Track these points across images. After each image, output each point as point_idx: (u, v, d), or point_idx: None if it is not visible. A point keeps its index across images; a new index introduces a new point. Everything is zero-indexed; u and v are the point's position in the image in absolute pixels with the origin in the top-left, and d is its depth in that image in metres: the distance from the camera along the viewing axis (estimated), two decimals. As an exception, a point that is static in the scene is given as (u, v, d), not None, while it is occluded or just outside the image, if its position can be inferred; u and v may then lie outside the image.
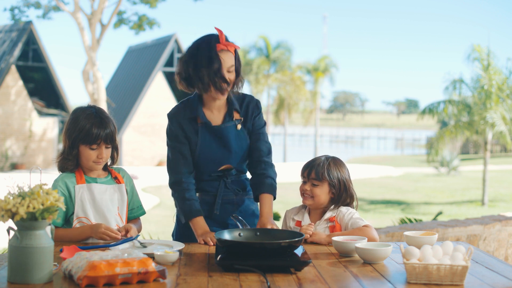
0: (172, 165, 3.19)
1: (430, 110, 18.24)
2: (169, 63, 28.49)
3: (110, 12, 23.47)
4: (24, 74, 25.04)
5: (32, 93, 25.35)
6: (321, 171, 3.08)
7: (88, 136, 2.99)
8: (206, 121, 3.15)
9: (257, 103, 3.28)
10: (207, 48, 3.04)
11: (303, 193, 3.14)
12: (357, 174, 25.60)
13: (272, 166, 3.24)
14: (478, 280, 2.37)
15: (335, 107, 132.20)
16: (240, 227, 2.90)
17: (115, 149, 3.13)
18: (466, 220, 5.74)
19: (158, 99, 28.10)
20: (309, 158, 3.33)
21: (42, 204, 2.22)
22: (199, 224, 3.08)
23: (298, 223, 3.14)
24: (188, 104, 3.20)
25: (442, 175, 26.05)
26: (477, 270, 2.52)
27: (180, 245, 2.82)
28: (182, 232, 3.24)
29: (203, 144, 3.14)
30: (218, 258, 2.50)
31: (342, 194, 3.12)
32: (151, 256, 2.61)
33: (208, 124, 3.15)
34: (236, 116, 3.21)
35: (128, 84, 29.76)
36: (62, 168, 3.07)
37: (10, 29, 25.44)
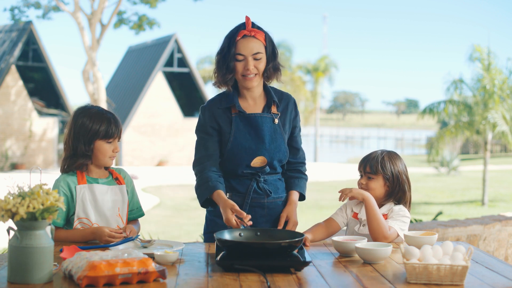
0: (196, 157, 3.20)
1: (431, 110, 18.23)
2: (169, 63, 28.48)
3: (110, 12, 23.48)
4: (24, 74, 25.03)
5: (32, 93, 25.34)
6: (375, 165, 3.12)
7: (107, 130, 3.01)
8: (241, 110, 3.13)
9: (295, 102, 3.28)
10: (229, 34, 3.08)
11: (360, 187, 3.17)
12: (357, 174, 25.55)
13: (304, 165, 3.33)
14: (478, 280, 2.37)
15: (335, 107, 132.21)
16: (241, 227, 2.89)
17: None
18: (466, 220, 5.74)
19: (158, 99, 28.09)
20: (309, 158, 3.36)
21: (42, 204, 2.22)
22: (220, 197, 3.00)
23: (355, 215, 3.16)
24: (224, 95, 3.19)
25: (442, 175, 26.04)
26: (477, 270, 2.52)
27: (180, 245, 2.82)
28: (211, 230, 3.20)
29: (236, 133, 3.11)
30: (218, 258, 2.50)
31: (396, 187, 3.13)
32: (151, 256, 2.61)
33: (243, 113, 3.13)
34: (274, 110, 3.18)
35: (128, 84, 29.75)
36: (76, 166, 3.05)
37: (10, 29, 25.44)
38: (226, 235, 2.69)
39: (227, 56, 3.06)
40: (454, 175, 25.94)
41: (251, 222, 2.86)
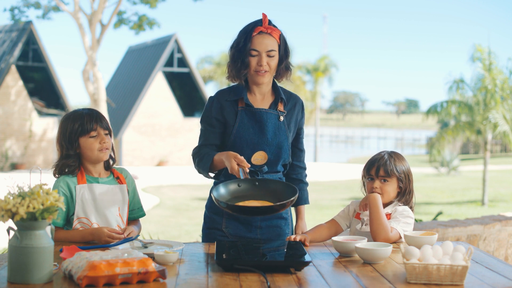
0: (197, 144, 3.27)
1: (435, 110, 18.23)
2: (169, 63, 28.47)
3: (110, 12, 23.47)
4: (24, 74, 25.02)
5: (32, 93, 25.33)
6: (389, 168, 3.10)
7: (84, 125, 3.02)
8: (248, 103, 3.16)
9: (302, 104, 3.35)
10: (245, 29, 3.11)
11: (371, 191, 3.14)
12: (357, 174, 25.56)
13: (305, 170, 3.41)
14: (478, 280, 2.37)
15: (335, 107, 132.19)
16: (242, 176, 2.93)
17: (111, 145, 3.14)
18: (466, 220, 5.74)
19: (158, 99, 28.08)
20: (309, 158, 3.38)
21: (42, 204, 2.22)
22: (221, 153, 3.06)
23: (357, 215, 3.16)
24: (233, 88, 3.23)
25: (442, 175, 26.03)
26: (477, 270, 2.52)
27: (180, 245, 2.82)
28: (208, 226, 3.24)
29: (240, 125, 3.14)
30: (218, 258, 2.50)
31: (407, 187, 3.14)
32: (151, 256, 2.61)
33: (249, 107, 3.16)
34: (281, 107, 3.22)
35: (128, 84, 29.74)
36: (62, 170, 3.06)
37: (10, 29, 25.43)
38: (222, 190, 2.90)
39: (243, 51, 3.09)
40: (454, 175, 25.94)
41: (248, 167, 2.97)
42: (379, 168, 3.13)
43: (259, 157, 3.15)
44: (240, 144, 3.14)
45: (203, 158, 3.16)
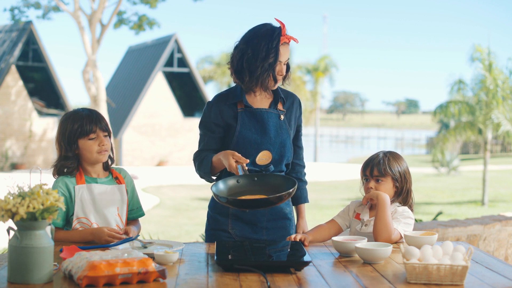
0: (197, 149, 3.28)
1: (442, 110, 18.25)
2: (169, 63, 28.47)
3: (110, 12, 23.46)
4: (24, 74, 25.02)
5: (32, 93, 25.32)
6: (383, 167, 3.10)
7: (83, 127, 3.02)
8: (247, 105, 3.16)
9: (299, 102, 3.36)
10: (269, 40, 3.05)
11: (367, 192, 3.14)
12: (357, 174, 25.50)
13: (304, 168, 3.40)
14: (478, 280, 2.37)
15: (335, 107, 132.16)
16: (241, 173, 2.93)
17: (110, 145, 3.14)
18: (466, 220, 5.74)
19: (158, 99, 28.08)
20: (309, 158, 3.38)
21: (42, 204, 2.22)
22: (219, 153, 3.07)
23: (357, 216, 3.16)
24: (231, 91, 3.23)
25: (442, 175, 26.03)
26: (477, 270, 2.52)
27: (180, 245, 2.82)
28: (212, 227, 3.24)
29: (242, 127, 3.14)
30: (218, 258, 2.50)
31: (404, 187, 3.13)
32: (151, 256, 2.61)
33: (249, 108, 3.16)
34: (280, 107, 3.23)
35: (128, 84, 29.74)
36: (61, 170, 3.06)
37: (10, 29, 25.43)
38: (221, 186, 2.89)
39: (273, 64, 3.06)
40: (454, 175, 25.94)
41: (247, 163, 2.98)
42: (373, 168, 3.13)
43: (263, 157, 3.15)
44: (244, 145, 3.13)
45: (202, 161, 3.17)
